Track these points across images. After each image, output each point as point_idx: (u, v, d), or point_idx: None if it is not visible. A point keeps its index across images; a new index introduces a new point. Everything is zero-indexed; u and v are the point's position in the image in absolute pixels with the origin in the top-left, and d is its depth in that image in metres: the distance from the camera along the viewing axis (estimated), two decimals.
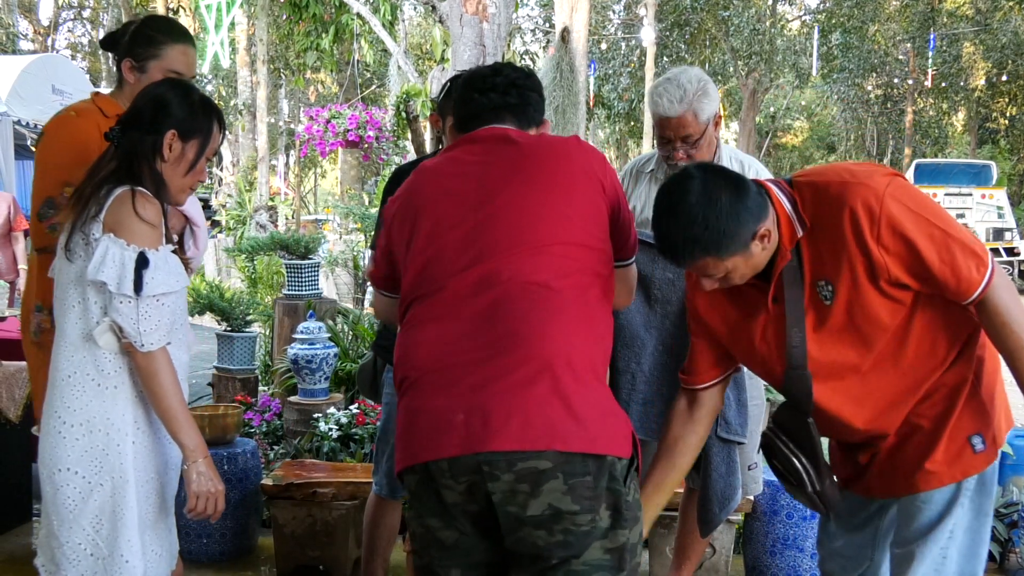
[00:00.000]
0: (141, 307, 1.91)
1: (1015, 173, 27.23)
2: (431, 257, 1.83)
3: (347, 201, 13.15)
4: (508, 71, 2.02)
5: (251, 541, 3.61)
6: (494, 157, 1.88)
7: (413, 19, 21.98)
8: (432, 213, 1.85)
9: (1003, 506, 3.64)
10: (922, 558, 1.96)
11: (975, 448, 1.93)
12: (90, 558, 1.97)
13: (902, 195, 1.79)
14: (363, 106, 12.06)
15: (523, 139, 1.91)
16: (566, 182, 1.83)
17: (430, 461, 1.70)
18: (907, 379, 1.93)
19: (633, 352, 2.72)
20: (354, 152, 13.56)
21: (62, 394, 1.98)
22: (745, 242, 1.81)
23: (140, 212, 1.92)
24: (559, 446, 1.64)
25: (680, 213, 1.78)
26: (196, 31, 14.10)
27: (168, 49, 2.46)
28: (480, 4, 5.17)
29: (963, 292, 1.80)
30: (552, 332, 1.70)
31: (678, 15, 22.39)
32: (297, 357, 4.41)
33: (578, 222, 1.80)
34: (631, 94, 23.14)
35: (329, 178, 35.25)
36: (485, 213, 1.80)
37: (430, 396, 1.73)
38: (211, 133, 2.09)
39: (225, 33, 12.38)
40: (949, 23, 24.93)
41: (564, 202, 1.81)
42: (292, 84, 22.59)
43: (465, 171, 1.88)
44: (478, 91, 1.99)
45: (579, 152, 1.89)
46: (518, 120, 1.98)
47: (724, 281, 1.88)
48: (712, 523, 2.71)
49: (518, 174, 1.84)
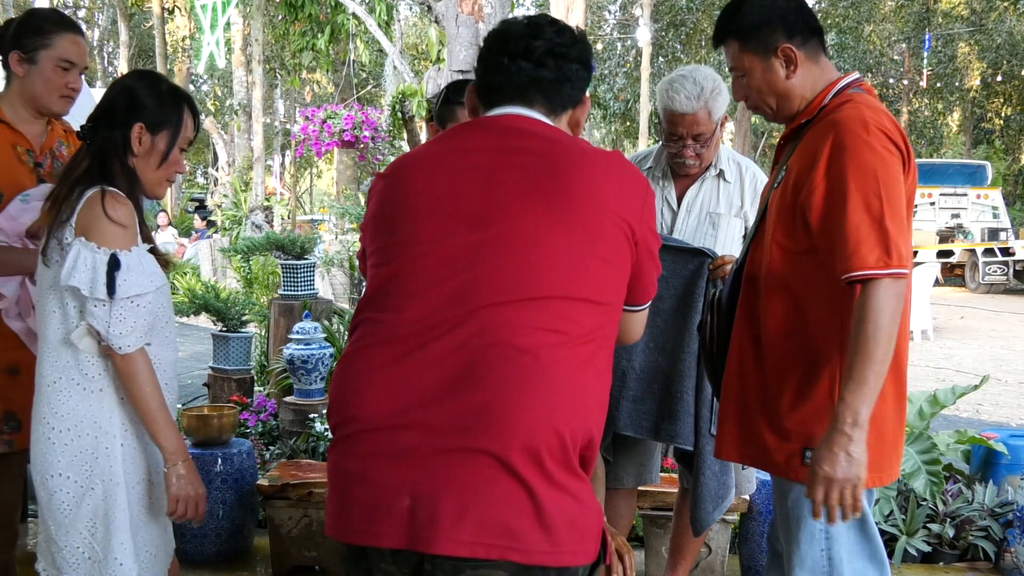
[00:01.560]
0: (115, 310, 1.88)
1: (1010, 173, 27.28)
2: (401, 270, 1.52)
3: (343, 201, 13.12)
4: (550, 32, 1.62)
5: (247, 541, 3.60)
6: (509, 159, 1.54)
7: (409, 19, 21.96)
8: (417, 215, 1.54)
9: (998, 505, 3.65)
10: None
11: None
12: (88, 561, 1.96)
13: (876, 163, 1.80)
14: (359, 106, 12.04)
15: (551, 140, 1.57)
16: (591, 218, 1.50)
17: (367, 546, 1.48)
18: None
19: (624, 349, 2.71)
20: (350, 152, 13.57)
21: (49, 400, 1.96)
22: (766, 45, 1.96)
23: (110, 213, 1.89)
24: (517, 558, 1.40)
25: (735, 1, 2.02)
26: (192, 31, 14.09)
27: (58, 38, 2.44)
28: (476, 4, 5.17)
29: (845, 265, 1.78)
30: (532, 413, 1.41)
31: (674, 15, 22.38)
32: (293, 357, 4.40)
33: (593, 274, 1.50)
34: (627, 94, 23.11)
35: (325, 178, 35.19)
36: (483, 235, 1.49)
37: (370, 460, 1.45)
38: (181, 123, 2.05)
39: (221, 33, 12.37)
40: (944, 23, 24.97)
41: (582, 245, 1.49)
42: (288, 84, 22.58)
43: (469, 168, 1.55)
44: (508, 55, 1.60)
45: (617, 180, 1.55)
46: (549, 102, 1.62)
47: (745, 88, 2.03)
48: (705, 521, 2.71)
49: (534, 191, 1.50)
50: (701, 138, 2.68)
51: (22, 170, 2.49)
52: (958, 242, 16.91)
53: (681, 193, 2.83)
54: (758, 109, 2.06)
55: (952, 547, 3.58)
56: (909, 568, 3.52)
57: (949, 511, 3.62)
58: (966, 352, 9.79)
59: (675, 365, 2.66)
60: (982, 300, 15.33)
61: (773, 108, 2.02)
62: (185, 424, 3.56)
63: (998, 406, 7.19)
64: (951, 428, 4.61)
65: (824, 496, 1.78)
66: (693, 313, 2.65)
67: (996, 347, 10.34)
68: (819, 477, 1.77)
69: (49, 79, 2.46)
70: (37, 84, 2.47)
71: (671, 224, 2.82)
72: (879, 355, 1.75)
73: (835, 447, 1.76)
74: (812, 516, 1.84)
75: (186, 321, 8.94)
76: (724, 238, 2.78)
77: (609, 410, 2.70)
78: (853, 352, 1.77)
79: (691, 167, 2.76)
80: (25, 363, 2.47)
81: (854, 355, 1.76)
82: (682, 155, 2.72)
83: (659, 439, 2.77)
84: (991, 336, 11.23)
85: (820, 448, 1.79)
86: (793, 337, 1.94)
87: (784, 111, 2.02)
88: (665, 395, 2.69)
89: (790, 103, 2.00)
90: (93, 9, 29.15)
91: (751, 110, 2.09)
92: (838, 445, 1.76)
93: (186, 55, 24.11)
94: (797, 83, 1.98)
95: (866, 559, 1.96)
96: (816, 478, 1.78)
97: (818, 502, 1.79)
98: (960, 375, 7.84)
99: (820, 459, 1.78)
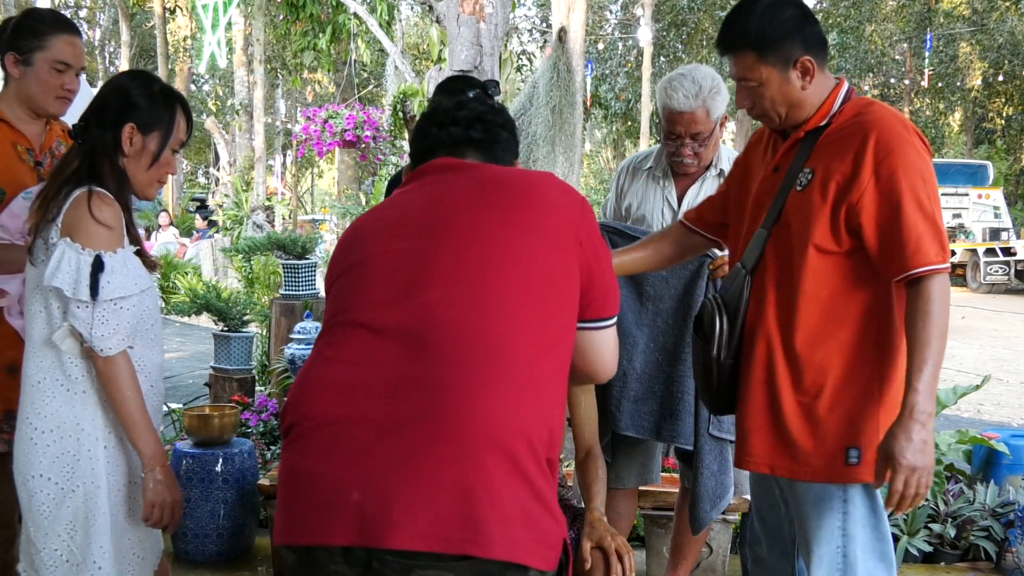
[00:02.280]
0: (97, 312, 1.86)
1: (1011, 173, 27.26)
2: (350, 282, 1.55)
3: (344, 201, 13.15)
4: (474, 104, 1.73)
5: (248, 541, 3.60)
6: (447, 185, 1.59)
7: (410, 19, 21.95)
8: (366, 240, 1.58)
9: (999, 505, 3.64)
10: None
11: None
12: (66, 564, 1.93)
13: (921, 163, 1.88)
14: (360, 106, 12.04)
15: (484, 167, 1.64)
16: (534, 219, 1.53)
17: (314, 546, 1.41)
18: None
19: (624, 350, 2.71)
20: (351, 152, 13.55)
21: (32, 400, 1.94)
22: (786, 57, 1.95)
23: (96, 214, 1.87)
24: (475, 551, 1.33)
25: (746, 8, 1.99)
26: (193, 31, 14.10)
27: (53, 39, 2.42)
28: (477, 4, 5.17)
29: (908, 263, 1.83)
30: (488, 404, 1.38)
31: (675, 15, 22.39)
32: (294, 357, 4.40)
33: (540, 273, 1.50)
34: (628, 94, 23.13)
35: (326, 178, 35.20)
36: (431, 239, 1.51)
37: (322, 457, 1.40)
38: (173, 124, 2.03)
39: (222, 33, 12.38)
40: (946, 23, 24.95)
41: (526, 244, 1.51)
42: (289, 84, 22.59)
43: (409, 200, 1.61)
44: (437, 125, 1.72)
45: (557, 191, 1.60)
46: (482, 157, 1.69)
47: (755, 95, 2.00)
48: (703, 520, 2.71)
49: (476, 200, 1.55)
50: (699, 137, 2.68)
51: (23, 169, 2.49)
52: (959, 242, 16.92)
53: (681, 193, 2.84)
54: (764, 116, 2.04)
55: (953, 547, 3.58)
56: (910, 568, 3.52)
57: (950, 511, 3.62)
58: (967, 352, 9.78)
59: (676, 365, 2.67)
60: (983, 300, 15.33)
61: (782, 117, 2.02)
62: (186, 424, 3.57)
63: (999, 406, 7.19)
64: (952, 428, 4.61)
65: (905, 485, 1.79)
66: (693, 312, 2.65)
67: (997, 347, 10.35)
68: (902, 467, 1.78)
69: (44, 81, 2.45)
70: (32, 86, 2.46)
71: (671, 223, 2.82)
72: (942, 345, 1.82)
73: (914, 435, 1.78)
74: (886, 508, 1.87)
75: (187, 321, 8.95)
76: None
77: (610, 411, 2.73)
78: (921, 344, 1.81)
79: (689, 166, 2.76)
80: None
81: (922, 346, 1.81)
82: (680, 154, 2.72)
83: (660, 439, 2.77)
84: (992, 336, 11.23)
85: (896, 440, 1.80)
86: (830, 339, 1.93)
87: (792, 119, 2.02)
88: (666, 395, 2.69)
89: (801, 111, 2.00)
90: (94, 9, 29.17)
91: (755, 117, 2.07)
92: (916, 433, 1.78)
93: (187, 55, 24.12)
94: (811, 92, 1.99)
95: (877, 559, 1.97)
96: (899, 468, 1.78)
97: (899, 492, 1.80)
98: (961, 375, 7.84)
99: (900, 449, 1.78)
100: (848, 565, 1.96)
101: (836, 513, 1.96)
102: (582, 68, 11.01)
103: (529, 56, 24.37)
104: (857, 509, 1.95)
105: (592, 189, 21.67)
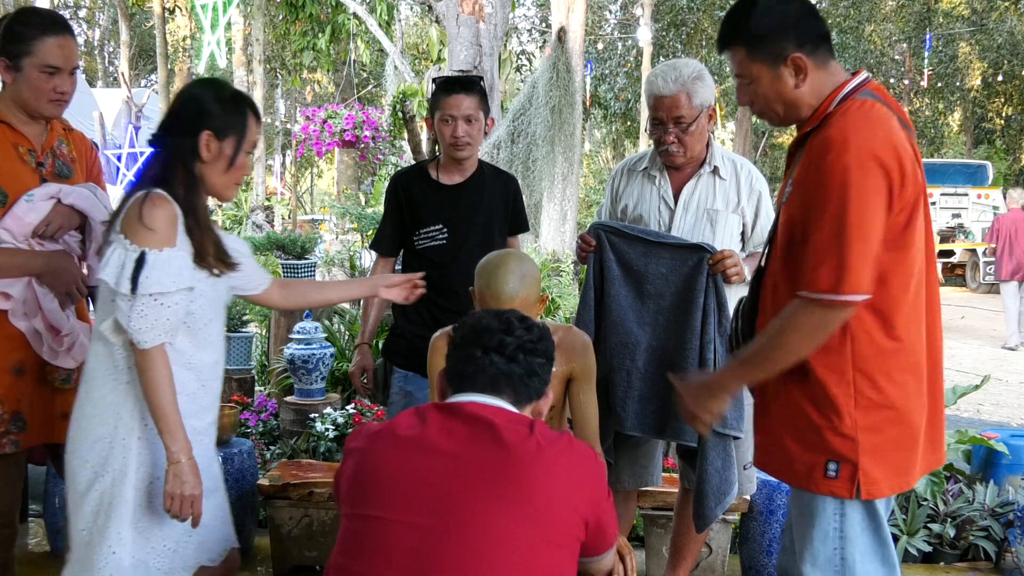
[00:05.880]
0: (136, 305, 1.94)
1: (1011, 173, 27.23)
2: (367, 540, 1.64)
3: (343, 201, 13.13)
4: (521, 330, 1.78)
5: (247, 542, 3.60)
6: (472, 452, 1.65)
7: (409, 19, 21.95)
8: (385, 489, 1.65)
9: (999, 505, 3.65)
10: None
11: None
12: (86, 545, 2.01)
13: (862, 176, 1.77)
14: (359, 106, 12.05)
15: (511, 437, 1.66)
16: (544, 520, 1.61)
17: None
18: None
19: (628, 349, 2.72)
20: (350, 152, 13.57)
21: (87, 385, 2.05)
22: (775, 54, 1.91)
23: (144, 215, 1.96)
24: None
25: (742, 4, 1.97)
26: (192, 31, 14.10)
27: (39, 44, 2.41)
28: (476, 4, 5.17)
29: (804, 283, 1.82)
30: None
31: (674, 15, 22.37)
32: (293, 357, 4.40)
33: (546, 561, 1.61)
34: (627, 94, 23.12)
35: (325, 178, 35.19)
36: (442, 524, 1.59)
37: None
38: (246, 127, 2.11)
39: (221, 33, 12.38)
40: (945, 23, 24.95)
41: (537, 534, 1.60)
42: (288, 84, 22.57)
43: (435, 456, 1.66)
44: (483, 349, 1.75)
45: (571, 478, 1.66)
46: (516, 395, 1.75)
47: (751, 92, 1.99)
48: (708, 518, 2.72)
49: (494, 488, 1.61)
50: (682, 122, 2.71)
51: (25, 170, 2.48)
52: (959, 242, 16.91)
53: (677, 189, 2.84)
54: (764, 114, 2.03)
55: (953, 547, 3.58)
56: (910, 568, 3.52)
57: (950, 511, 3.62)
58: (967, 352, 9.78)
59: (678, 362, 2.67)
60: (983, 300, 15.32)
61: (780, 115, 2.00)
62: None
63: (999, 406, 7.19)
64: (952, 428, 4.60)
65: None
66: (694, 309, 2.66)
67: (997, 347, 10.34)
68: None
69: (35, 86, 2.44)
70: (24, 91, 2.45)
71: (669, 222, 2.83)
72: (774, 364, 1.88)
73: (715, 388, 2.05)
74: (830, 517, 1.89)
75: None
76: (722, 234, 2.80)
77: (615, 411, 2.73)
78: (764, 346, 1.88)
79: (676, 155, 2.77)
80: (31, 363, 2.47)
81: (763, 349, 1.88)
82: (664, 141, 2.75)
83: (664, 437, 2.78)
84: (992, 336, 11.23)
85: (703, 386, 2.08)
86: (821, 351, 1.92)
87: (791, 117, 2.00)
88: (669, 392, 2.68)
89: (798, 111, 1.97)
90: (94, 9, 29.17)
91: (756, 115, 2.06)
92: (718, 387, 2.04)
93: (187, 55, 24.10)
94: (806, 91, 1.94)
95: (879, 562, 1.97)
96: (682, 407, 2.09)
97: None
98: (961, 375, 7.84)
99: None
100: (847, 567, 1.96)
101: (832, 516, 1.96)
102: (581, 68, 11.00)
103: (529, 56, 24.39)
104: (855, 512, 1.95)
105: (592, 189, 21.64)
